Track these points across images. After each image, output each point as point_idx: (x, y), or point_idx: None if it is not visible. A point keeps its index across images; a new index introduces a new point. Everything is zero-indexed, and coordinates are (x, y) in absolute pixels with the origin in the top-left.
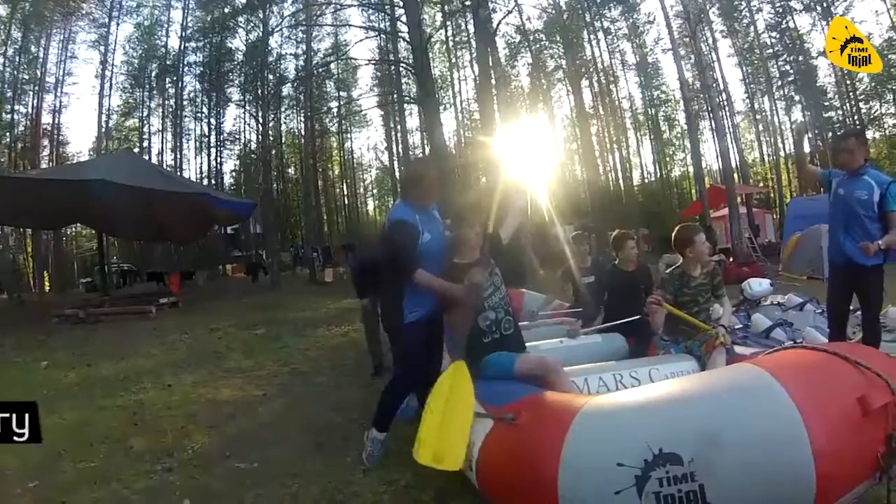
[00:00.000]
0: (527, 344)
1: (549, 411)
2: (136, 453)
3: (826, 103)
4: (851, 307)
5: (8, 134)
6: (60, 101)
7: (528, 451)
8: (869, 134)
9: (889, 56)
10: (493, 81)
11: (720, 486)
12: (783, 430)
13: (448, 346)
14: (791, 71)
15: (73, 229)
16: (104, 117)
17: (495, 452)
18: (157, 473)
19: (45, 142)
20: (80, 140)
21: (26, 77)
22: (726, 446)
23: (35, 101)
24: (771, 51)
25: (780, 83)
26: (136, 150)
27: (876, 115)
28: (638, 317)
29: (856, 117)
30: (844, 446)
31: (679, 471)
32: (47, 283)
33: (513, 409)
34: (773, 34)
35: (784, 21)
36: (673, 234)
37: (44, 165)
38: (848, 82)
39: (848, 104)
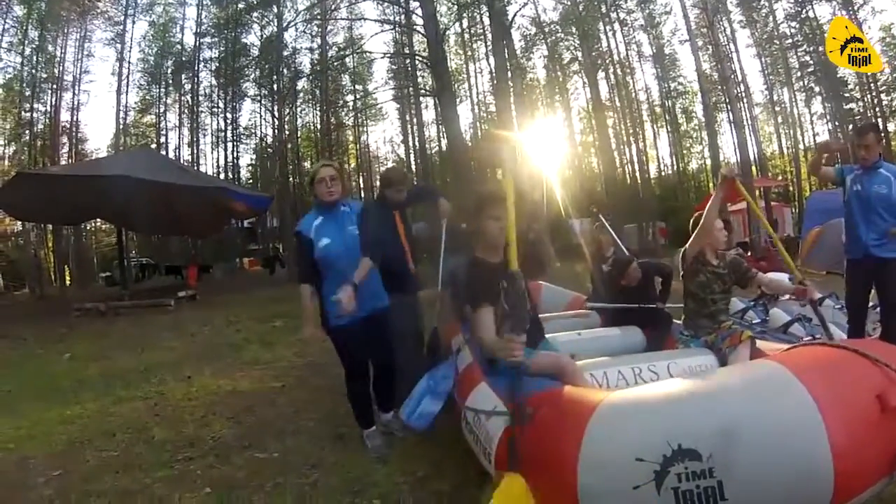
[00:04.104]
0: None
1: (567, 406)
2: (157, 443)
3: (846, 94)
4: (871, 303)
5: (28, 132)
6: (78, 99)
7: (547, 446)
8: (890, 126)
9: None
10: (509, 74)
11: (738, 483)
12: (802, 428)
13: (468, 341)
14: (811, 61)
15: (93, 224)
16: (122, 114)
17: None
18: (178, 463)
19: (64, 139)
20: (98, 137)
21: (44, 76)
22: (745, 443)
23: (53, 100)
24: (790, 41)
25: (799, 74)
26: (154, 145)
27: None
28: (652, 305)
29: (877, 109)
30: (862, 444)
31: (698, 466)
32: (68, 278)
33: (531, 403)
34: (793, 24)
35: (804, 10)
36: (692, 220)
37: (63, 162)
38: (869, 73)
39: (869, 95)
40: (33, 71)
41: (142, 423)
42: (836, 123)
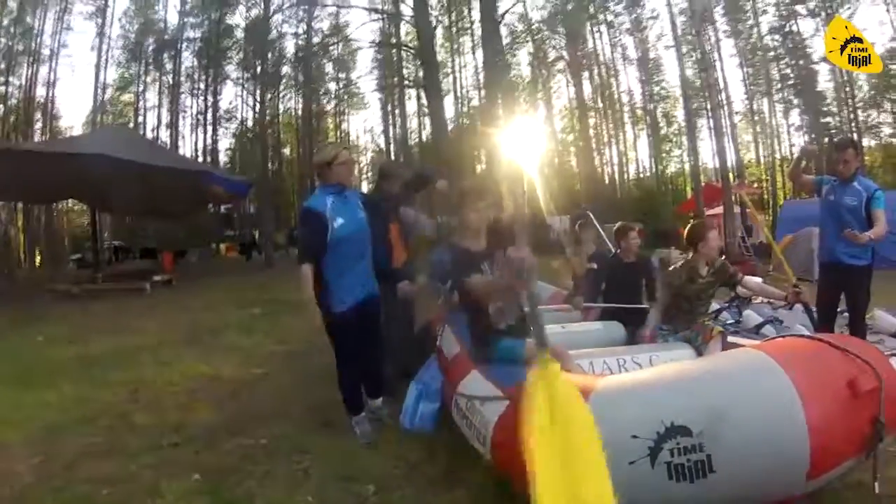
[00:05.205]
0: None
1: None
2: (140, 429)
3: (824, 108)
4: (840, 309)
5: (1, 106)
6: (55, 74)
7: None
8: (865, 142)
9: (890, 66)
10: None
11: (725, 457)
12: (783, 408)
13: (455, 330)
14: (791, 74)
15: (64, 204)
16: (99, 91)
17: (511, 430)
18: (163, 449)
19: (38, 115)
20: (72, 114)
21: (21, 49)
22: (732, 420)
23: (29, 74)
24: (773, 53)
25: (780, 86)
26: (131, 125)
27: (873, 123)
28: (641, 306)
29: (853, 124)
30: (835, 425)
31: (689, 442)
32: (38, 259)
33: None
34: (776, 37)
35: (787, 25)
36: (686, 229)
37: (37, 139)
38: (847, 89)
39: (846, 110)
40: (9, 43)
41: (122, 409)
42: (813, 136)
